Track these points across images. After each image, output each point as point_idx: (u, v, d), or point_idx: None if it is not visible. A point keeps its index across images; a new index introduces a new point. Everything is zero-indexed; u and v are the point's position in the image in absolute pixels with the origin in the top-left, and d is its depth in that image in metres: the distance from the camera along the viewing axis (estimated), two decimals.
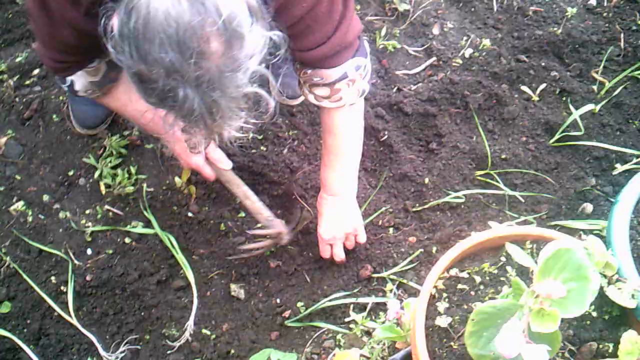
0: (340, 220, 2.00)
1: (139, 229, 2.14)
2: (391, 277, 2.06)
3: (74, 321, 2.01)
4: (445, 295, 1.47)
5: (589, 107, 2.31)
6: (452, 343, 1.40)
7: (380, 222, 2.17)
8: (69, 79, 1.75)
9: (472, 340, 1.16)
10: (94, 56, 1.69)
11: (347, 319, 2.01)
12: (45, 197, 2.20)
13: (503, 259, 1.50)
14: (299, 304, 2.04)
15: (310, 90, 1.77)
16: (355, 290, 2.06)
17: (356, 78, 1.73)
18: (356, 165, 1.97)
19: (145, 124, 1.90)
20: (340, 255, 2.05)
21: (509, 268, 1.48)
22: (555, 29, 2.54)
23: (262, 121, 1.43)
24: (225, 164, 2.02)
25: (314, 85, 1.75)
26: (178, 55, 1.18)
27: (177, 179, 2.20)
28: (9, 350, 1.97)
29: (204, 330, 2.02)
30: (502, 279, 1.47)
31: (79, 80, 1.75)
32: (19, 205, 2.18)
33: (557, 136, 2.29)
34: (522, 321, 1.08)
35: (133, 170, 2.23)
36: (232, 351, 1.97)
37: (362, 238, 2.06)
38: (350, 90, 1.74)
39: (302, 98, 2.33)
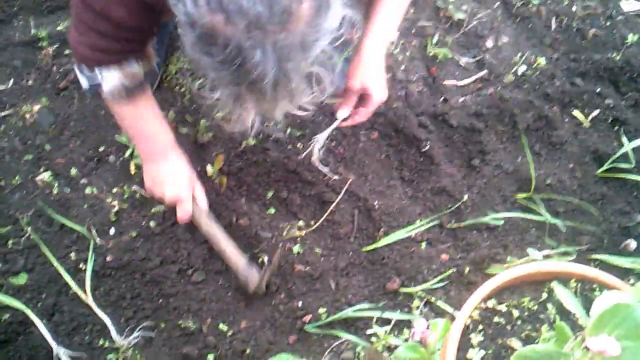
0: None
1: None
2: (419, 293, 1.99)
3: (90, 301, 1.95)
4: (480, 327, 1.41)
5: None
6: None
7: (413, 235, 2.10)
8: (104, 74, 1.64)
9: None
10: (140, 40, 1.63)
11: (369, 331, 1.94)
12: (73, 171, 2.15)
13: (544, 295, 1.43)
14: (321, 310, 1.97)
15: None
16: (381, 303, 1.99)
17: None
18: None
19: (147, 146, 1.89)
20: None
21: (549, 305, 1.41)
22: (614, 55, 2.45)
23: (315, 103, 1.36)
24: (203, 203, 2.00)
25: None
26: (266, 9, 1.06)
27: (209, 166, 2.14)
28: (21, 323, 1.91)
29: (221, 326, 1.95)
30: (541, 316, 1.40)
31: (112, 80, 1.65)
32: (46, 175, 2.13)
33: (605, 166, 2.20)
34: None
35: None
36: (248, 350, 1.90)
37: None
38: None
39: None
